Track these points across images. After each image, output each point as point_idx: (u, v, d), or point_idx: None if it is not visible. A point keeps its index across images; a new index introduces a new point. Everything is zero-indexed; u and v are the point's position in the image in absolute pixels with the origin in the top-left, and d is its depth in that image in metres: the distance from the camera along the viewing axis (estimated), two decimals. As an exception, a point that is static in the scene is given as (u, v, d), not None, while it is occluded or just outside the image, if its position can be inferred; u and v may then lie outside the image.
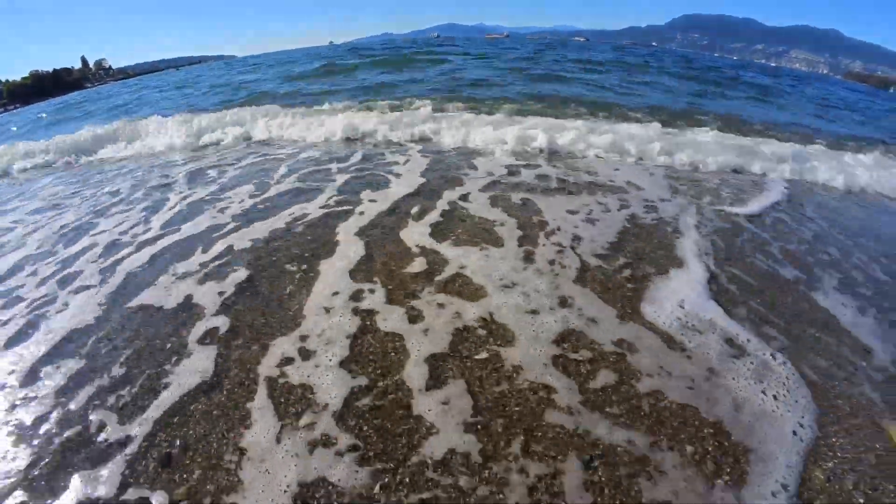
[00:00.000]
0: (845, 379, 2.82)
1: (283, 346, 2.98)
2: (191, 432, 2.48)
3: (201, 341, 3.08)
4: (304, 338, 3.03)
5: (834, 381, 2.80)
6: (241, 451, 2.34)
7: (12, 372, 2.98)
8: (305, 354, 2.90)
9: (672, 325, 3.07)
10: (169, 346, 3.08)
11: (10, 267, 4.52)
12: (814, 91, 22.59)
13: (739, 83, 20.86)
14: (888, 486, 2.25)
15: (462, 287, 3.48)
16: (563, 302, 3.27)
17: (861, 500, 2.17)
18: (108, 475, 2.29)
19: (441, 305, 3.27)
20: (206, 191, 6.18)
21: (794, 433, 2.43)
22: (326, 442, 2.38)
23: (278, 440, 2.38)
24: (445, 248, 4.02)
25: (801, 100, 18.51)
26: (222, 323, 3.23)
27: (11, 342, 3.29)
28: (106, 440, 2.48)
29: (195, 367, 2.87)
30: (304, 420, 2.49)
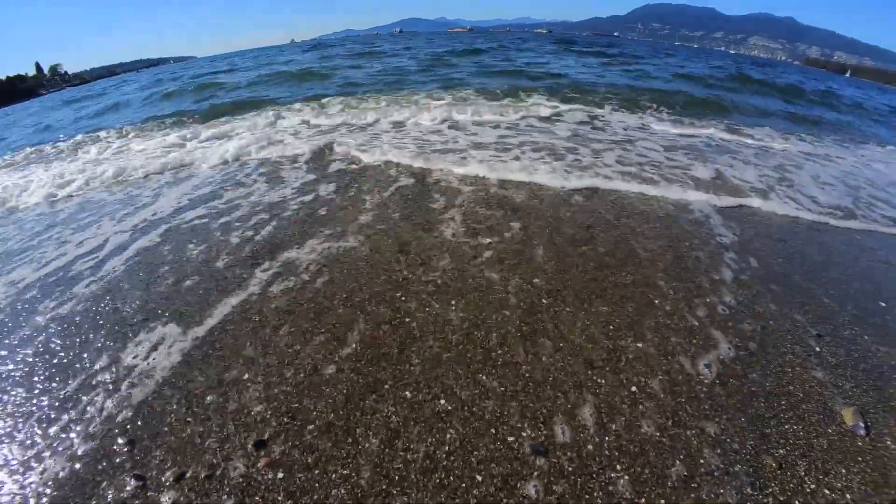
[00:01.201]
0: (798, 365, 2.76)
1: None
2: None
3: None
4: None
5: (787, 366, 2.75)
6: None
7: None
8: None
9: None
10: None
11: None
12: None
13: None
14: (840, 468, 2.19)
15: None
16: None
17: (813, 485, 2.11)
18: None
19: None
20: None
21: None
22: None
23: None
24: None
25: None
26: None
27: None
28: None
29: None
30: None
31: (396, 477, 2.13)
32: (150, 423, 2.45)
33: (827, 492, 2.14)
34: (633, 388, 2.58)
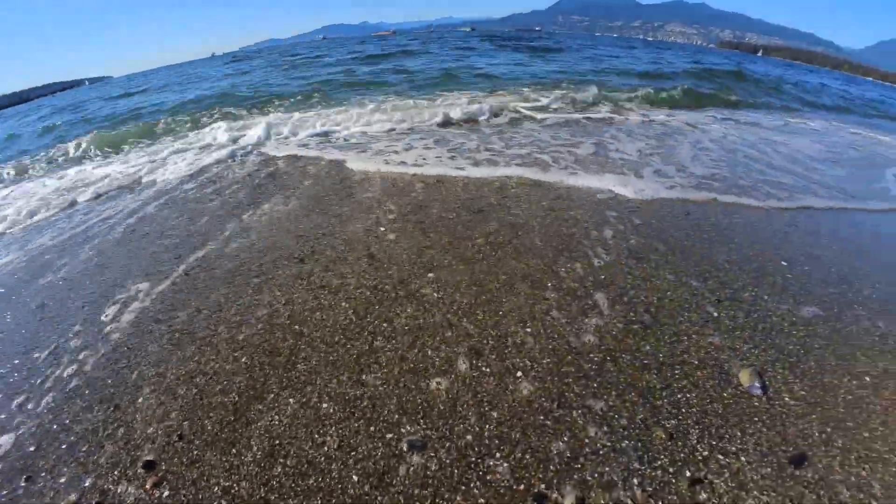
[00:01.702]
0: (695, 332, 2.65)
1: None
2: None
3: None
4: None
5: (683, 335, 2.63)
6: None
7: None
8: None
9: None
10: None
11: None
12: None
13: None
14: (735, 431, 2.06)
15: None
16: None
17: (706, 452, 1.96)
18: None
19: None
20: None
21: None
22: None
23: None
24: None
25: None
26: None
27: None
28: None
29: None
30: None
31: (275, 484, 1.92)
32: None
33: (720, 457, 2.00)
34: (518, 374, 2.40)
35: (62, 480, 2.05)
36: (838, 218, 4.49)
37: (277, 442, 2.13)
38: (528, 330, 2.69)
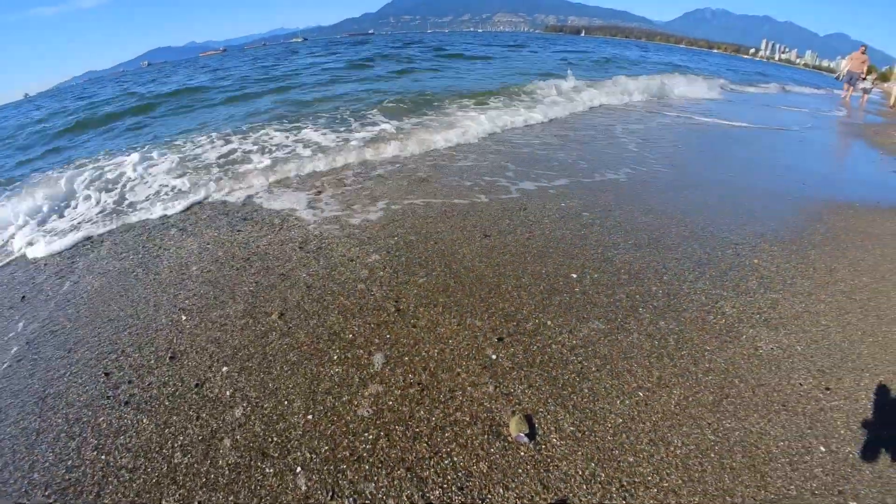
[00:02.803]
0: (470, 384, 2.61)
1: None
2: None
3: None
4: None
5: (457, 390, 2.56)
6: None
7: None
8: None
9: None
10: None
11: None
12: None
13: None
14: (497, 489, 2.01)
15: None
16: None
17: None
18: None
19: None
20: None
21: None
22: None
23: None
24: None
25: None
26: None
27: None
28: None
29: None
30: None
31: None
32: None
33: (480, 524, 1.88)
34: (298, 469, 2.22)
35: None
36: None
37: None
38: (310, 417, 2.52)
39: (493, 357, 2.80)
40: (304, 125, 9.18)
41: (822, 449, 2.25)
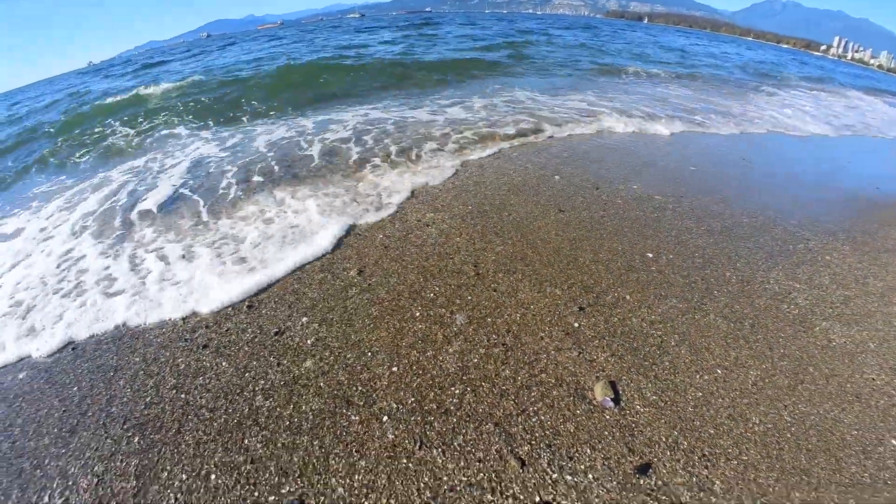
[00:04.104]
0: (554, 348, 2.80)
1: None
2: None
3: None
4: None
5: (541, 353, 2.75)
6: None
7: None
8: None
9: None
10: None
11: None
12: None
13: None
14: (585, 449, 2.15)
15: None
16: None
17: (555, 475, 2.04)
18: None
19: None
20: None
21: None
22: None
23: None
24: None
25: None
26: None
27: None
28: None
29: None
30: None
31: None
32: None
33: (569, 478, 2.06)
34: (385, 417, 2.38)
35: None
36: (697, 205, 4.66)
37: None
38: (395, 370, 2.67)
39: (576, 325, 2.91)
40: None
41: (894, 442, 2.28)
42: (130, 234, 4.41)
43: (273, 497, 2.04)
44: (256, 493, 2.04)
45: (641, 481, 2.04)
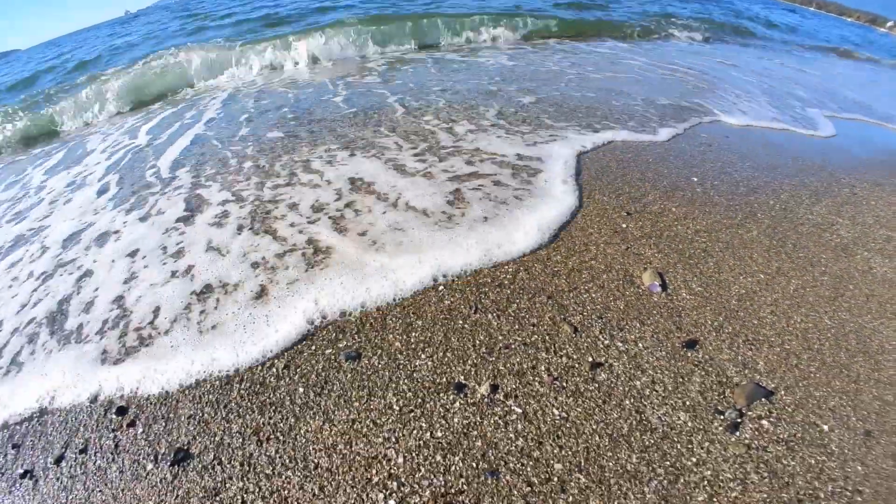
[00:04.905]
0: (604, 242, 2.82)
1: None
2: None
3: None
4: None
5: (591, 245, 2.82)
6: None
7: None
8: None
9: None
10: None
11: None
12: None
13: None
14: (634, 323, 2.22)
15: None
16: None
17: (607, 341, 2.11)
18: None
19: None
20: None
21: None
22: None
23: None
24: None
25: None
26: None
27: None
28: None
29: None
30: None
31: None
32: None
33: (620, 344, 2.16)
34: (441, 288, 2.50)
35: None
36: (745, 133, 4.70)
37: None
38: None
39: (623, 226, 2.99)
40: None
41: (934, 358, 2.35)
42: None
43: (330, 350, 2.18)
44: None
45: (689, 354, 2.13)
